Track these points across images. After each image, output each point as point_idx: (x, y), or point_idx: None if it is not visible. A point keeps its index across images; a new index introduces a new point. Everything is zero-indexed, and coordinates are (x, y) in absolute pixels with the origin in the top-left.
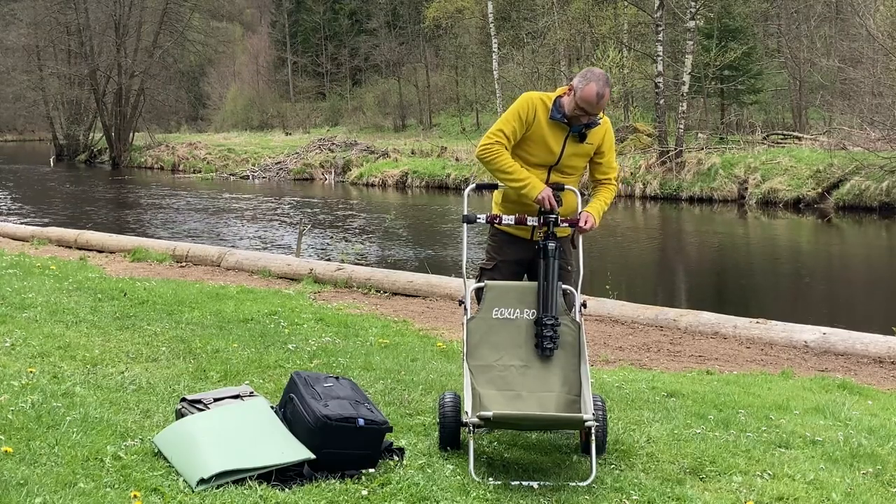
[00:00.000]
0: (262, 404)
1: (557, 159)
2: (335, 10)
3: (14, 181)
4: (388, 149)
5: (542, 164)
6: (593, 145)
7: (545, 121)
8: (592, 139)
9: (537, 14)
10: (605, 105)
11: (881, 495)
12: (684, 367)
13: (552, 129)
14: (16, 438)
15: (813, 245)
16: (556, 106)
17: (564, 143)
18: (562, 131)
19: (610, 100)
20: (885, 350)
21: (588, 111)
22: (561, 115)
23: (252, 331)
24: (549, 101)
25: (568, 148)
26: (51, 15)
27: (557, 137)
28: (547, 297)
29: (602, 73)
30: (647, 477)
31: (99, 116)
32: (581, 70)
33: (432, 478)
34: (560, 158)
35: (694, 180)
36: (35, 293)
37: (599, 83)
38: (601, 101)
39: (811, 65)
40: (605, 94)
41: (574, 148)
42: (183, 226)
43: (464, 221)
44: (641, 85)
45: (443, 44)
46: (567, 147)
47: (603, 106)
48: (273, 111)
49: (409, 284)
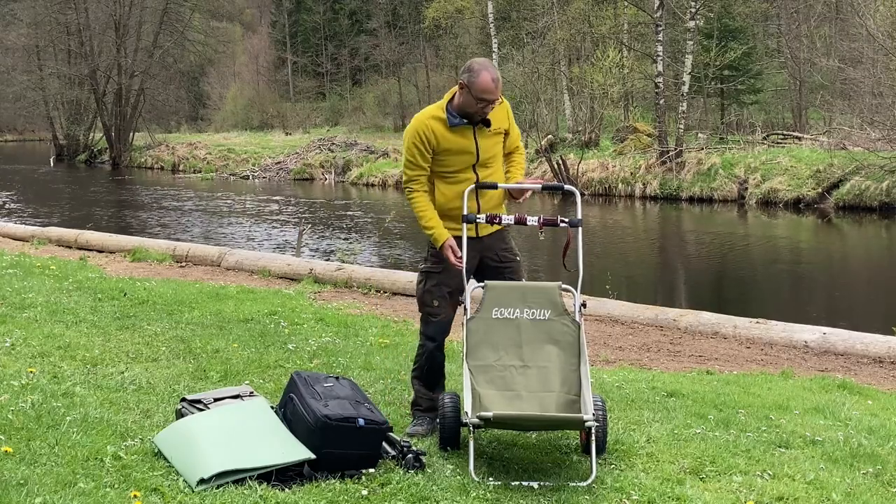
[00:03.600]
0: (262, 404)
1: (476, 156)
2: (335, 10)
3: (14, 181)
4: (388, 149)
5: (467, 167)
6: (500, 128)
7: (447, 132)
8: (497, 122)
9: (537, 14)
10: (501, 88)
11: (881, 495)
12: (684, 367)
13: (459, 134)
14: (16, 438)
15: (813, 245)
16: (450, 113)
17: (476, 139)
18: (467, 130)
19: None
20: (885, 350)
21: (489, 99)
22: (459, 119)
23: (252, 331)
24: (440, 112)
25: (481, 141)
26: (51, 15)
27: (467, 137)
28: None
29: (485, 60)
30: (647, 477)
31: (99, 116)
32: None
33: (432, 478)
34: (478, 154)
35: (694, 180)
36: (35, 293)
37: (490, 69)
38: (498, 84)
39: (811, 65)
40: (498, 77)
41: (486, 138)
42: (183, 226)
43: (463, 221)
44: (641, 85)
45: (443, 44)
46: (479, 140)
47: (499, 89)
48: (273, 111)
49: (409, 284)
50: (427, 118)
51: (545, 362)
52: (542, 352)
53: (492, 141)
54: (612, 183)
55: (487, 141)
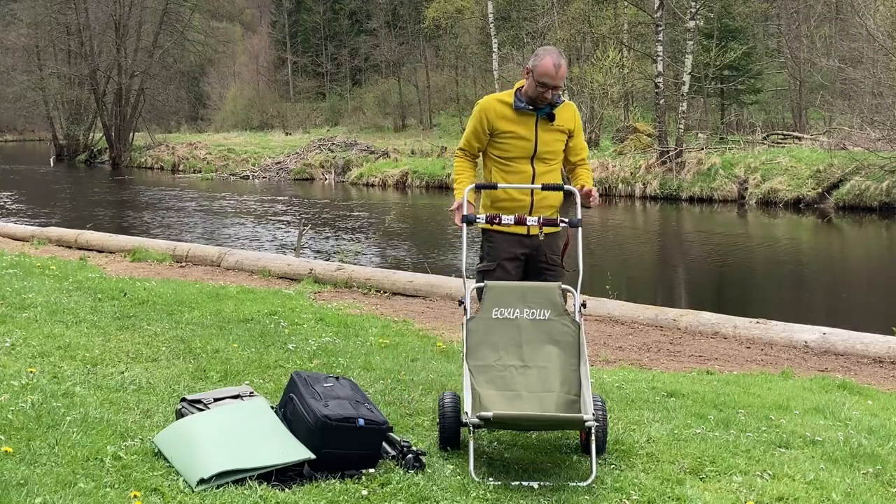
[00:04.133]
0: (262, 404)
1: (535, 146)
2: (335, 10)
3: (14, 181)
4: (388, 149)
5: (523, 157)
6: (564, 126)
7: (509, 114)
8: (562, 121)
9: (537, 14)
10: (565, 76)
11: (881, 495)
12: (684, 367)
13: (520, 119)
14: (16, 438)
15: (813, 245)
16: (518, 97)
17: (536, 129)
18: (530, 118)
19: (569, 80)
20: (885, 350)
21: (549, 84)
22: (525, 103)
23: (252, 331)
24: (508, 97)
25: (541, 133)
26: (51, 15)
27: (528, 126)
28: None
29: (553, 48)
30: (647, 477)
31: (99, 116)
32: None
33: (432, 478)
34: (536, 145)
35: (694, 180)
36: (35, 293)
37: (553, 55)
38: (559, 70)
39: (811, 65)
40: (561, 64)
41: (547, 132)
42: (183, 226)
43: (463, 222)
44: (641, 85)
45: (443, 44)
46: (539, 132)
47: (562, 76)
48: (273, 111)
49: (409, 284)
50: (493, 99)
51: (545, 362)
52: (542, 352)
53: (553, 136)
54: (612, 183)
55: (548, 135)
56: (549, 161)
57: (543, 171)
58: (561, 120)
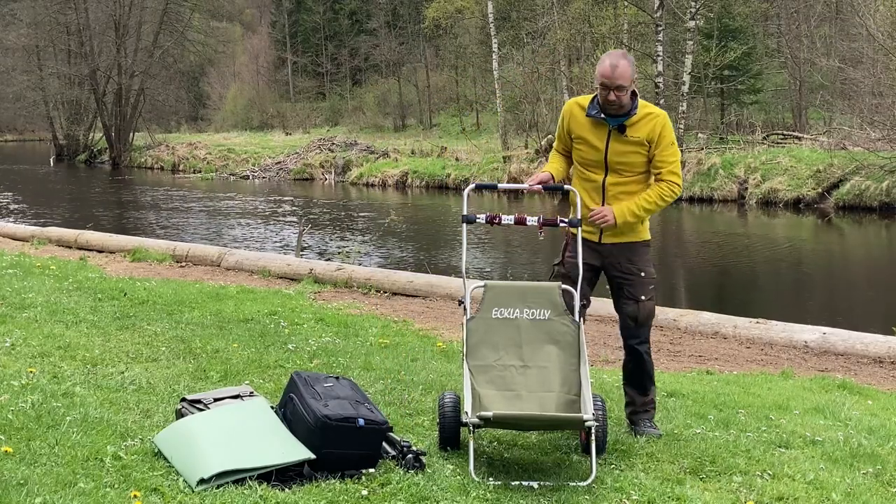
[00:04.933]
0: (262, 404)
1: (604, 156)
2: (335, 10)
3: (14, 181)
4: (388, 149)
5: (595, 163)
6: (640, 137)
7: (583, 120)
8: (636, 132)
9: (537, 14)
10: (625, 76)
11: (881, 495)
12: (684, 367)
13: (593, 128)
14: (16, 438)
15: (813, 245)
16: (592, 103)
17: (608, 140)
18: (603, 128)
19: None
20: (885, 350)
21: (608, 85)
22: (596, 111)
23: (252, 331)
24: (586, 100)
25: (612, 143)
26: (51, 15)
27: (600, 135)
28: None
29: (618, 50)
30: (647, 477)
31: (99, 116)
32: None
33: (432, 478)
34: (606, 155)
35: (694, 180)
36: (35, 293)
37: (613, 55)
38: (615, 70)
39: (811, 65)
40: (618, 64)
41: (619, 142)
42: (183, 226)
43: (463, 222)
44: (641, 85)
45: (443, 44)
46: (612, 142)
47: (620, 76)
48: (273, 111)
49: (409, 284)
50: (573, 101)
51: (545, 362)
52: (542, 352)
53: (626, 147)
54: None
55: (620, 146)
56: (622, 172)
57: (615, 181)
58: (635, 131)
